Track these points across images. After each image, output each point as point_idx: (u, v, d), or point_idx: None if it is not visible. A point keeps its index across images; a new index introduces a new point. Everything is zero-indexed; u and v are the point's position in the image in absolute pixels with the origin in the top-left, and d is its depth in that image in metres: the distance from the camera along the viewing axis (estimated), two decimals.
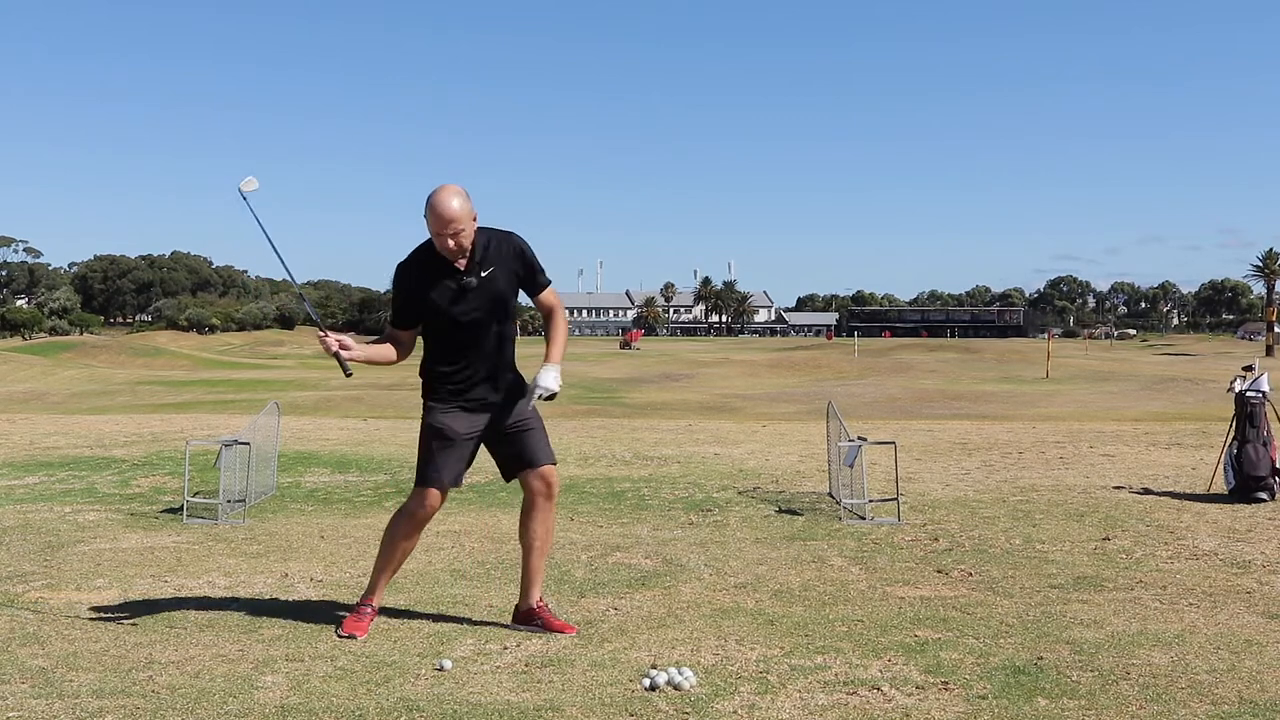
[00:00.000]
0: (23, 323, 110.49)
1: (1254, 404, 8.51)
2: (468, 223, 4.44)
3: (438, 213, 4.38)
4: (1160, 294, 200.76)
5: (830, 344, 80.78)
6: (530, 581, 4.79)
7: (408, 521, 4.70)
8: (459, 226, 4.40)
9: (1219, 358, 56.22)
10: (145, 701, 3.75)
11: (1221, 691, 3.86)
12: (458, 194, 4.42)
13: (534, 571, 4.79)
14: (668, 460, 11.24)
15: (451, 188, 4.44)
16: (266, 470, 8.82)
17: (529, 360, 4.60)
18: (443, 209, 4.38)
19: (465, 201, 4.42)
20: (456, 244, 4.43)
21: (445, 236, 4.41)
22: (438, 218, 4.38)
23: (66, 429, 15.20)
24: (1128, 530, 7.11)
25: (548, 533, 4.79)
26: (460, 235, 4.42)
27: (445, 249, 4.45)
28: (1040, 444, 12.82)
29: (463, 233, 4.42)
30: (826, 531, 7.11)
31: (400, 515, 4.75)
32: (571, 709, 3.71)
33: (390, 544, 4.76)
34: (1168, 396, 27.13)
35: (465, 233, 4.43)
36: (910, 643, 4.49)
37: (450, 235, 4.40)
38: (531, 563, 4.79)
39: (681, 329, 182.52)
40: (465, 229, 4.43)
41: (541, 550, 4.79)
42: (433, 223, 4.41)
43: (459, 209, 4.39)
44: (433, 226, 4.42)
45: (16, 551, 6.42)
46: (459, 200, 4.40)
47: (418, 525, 4.71)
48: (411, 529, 4.72)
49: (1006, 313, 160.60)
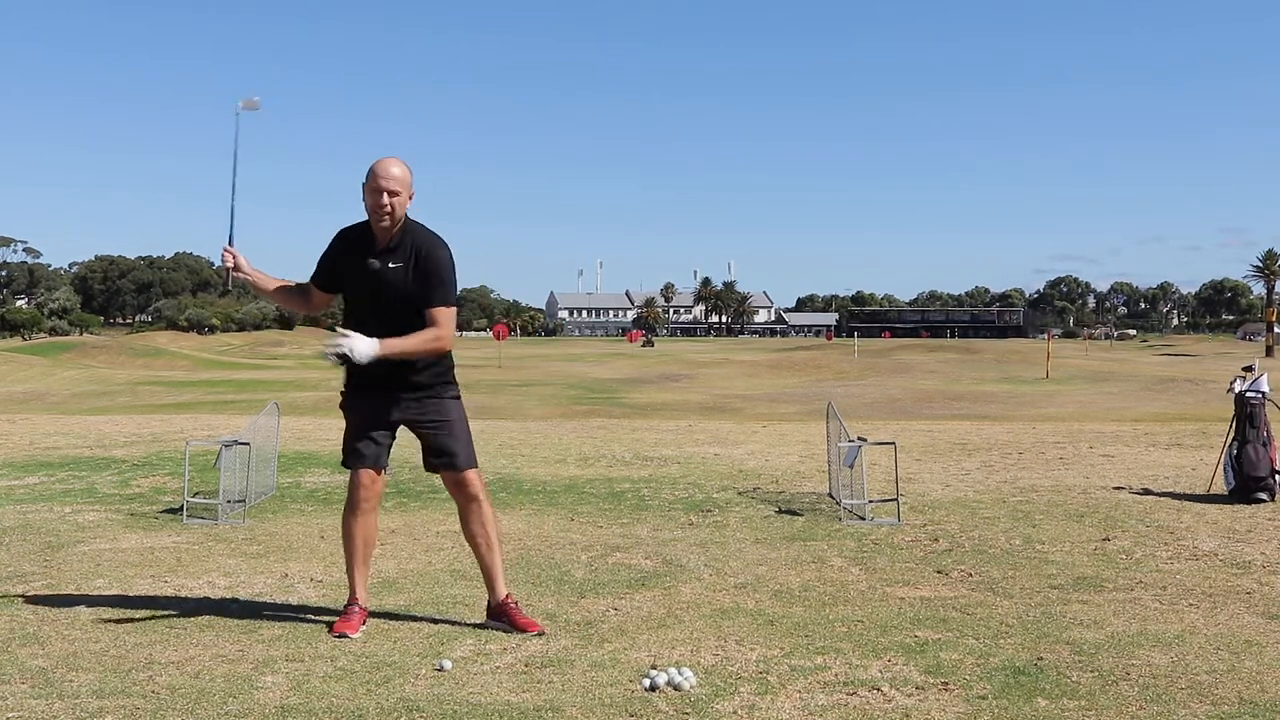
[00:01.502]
0: (23, 323, 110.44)
1: (1254, 404, 8.51)
2: (404, 190, 4.57)
3: (376, 168, 4.57)
4: (1160, 294, 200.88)
5: (830, 344, 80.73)
6: (490, 577, 4.84)
7: (349, 509, 4.79)
8: (395, 186, 4.54)
9: (1219, 358, 56.19)
10: (145, 701, 3.75)
11: (1221, 691, 3.86)
12: (399, 162, 4.62)
13: (489, 568, 4.83)
14: (668, 461, 11.24)
15: (396, 158, 4.62)
16: (266, 470, 8.81)
17: (530, 360, 4.60)
18: (382, 165, 4.58)
19: (405, 172, 4.60)
20: (389, 204, 4.53)
21: (381, 191, 4.53)
22: (375, 172, 4.55)
23: (66, 429, 15.20)
24: (1128, 530, 7.10)
25: (487, 529, 4.82)
26: (395, 198, 4.54)
27: (376, 206, 4.55)
28: (1040, 444, 12.82)
29: (396, 196, 4.55)
30: (826, 532, 7.11)
31: (345, 506, 4.83)
32: (571, 709, 3.71)
33: (346, 538, 4.81)
34: (1168, 397, 27.11)
35: (400, 199, 4.56)
36: (910, 643, 4.49)
37: (385, 190, 4.52)
38: (483, 559, 4.84)
39: (681, 329, 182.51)
40: (400, 194, 4.56)
41: (489, 546, 4.82)
42: (370, 181, 4.56)
43: (399, 173, 4.57)
44: (370, 184, 4.57)
45: (16, 551, 6.42)
46: (400, 167, 4.60)
47: (360, 511, 4.76)
48: (354, 515, 4.77)
49: (1006, 313, 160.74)
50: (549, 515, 7.83)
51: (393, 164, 4.58)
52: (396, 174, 4.56)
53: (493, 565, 4.83)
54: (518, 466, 10.61)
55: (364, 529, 4.78)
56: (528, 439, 13.66)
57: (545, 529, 7.25)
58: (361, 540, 4.79)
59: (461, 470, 4.76)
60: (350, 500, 4.78)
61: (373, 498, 4.77)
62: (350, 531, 4.78)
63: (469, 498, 4.79)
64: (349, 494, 4.79)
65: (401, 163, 4.61)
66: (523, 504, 8.34)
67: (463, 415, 4.81)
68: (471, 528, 4.83)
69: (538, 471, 10.28)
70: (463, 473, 4.76)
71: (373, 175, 4.57)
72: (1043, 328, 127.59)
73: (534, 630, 4.65)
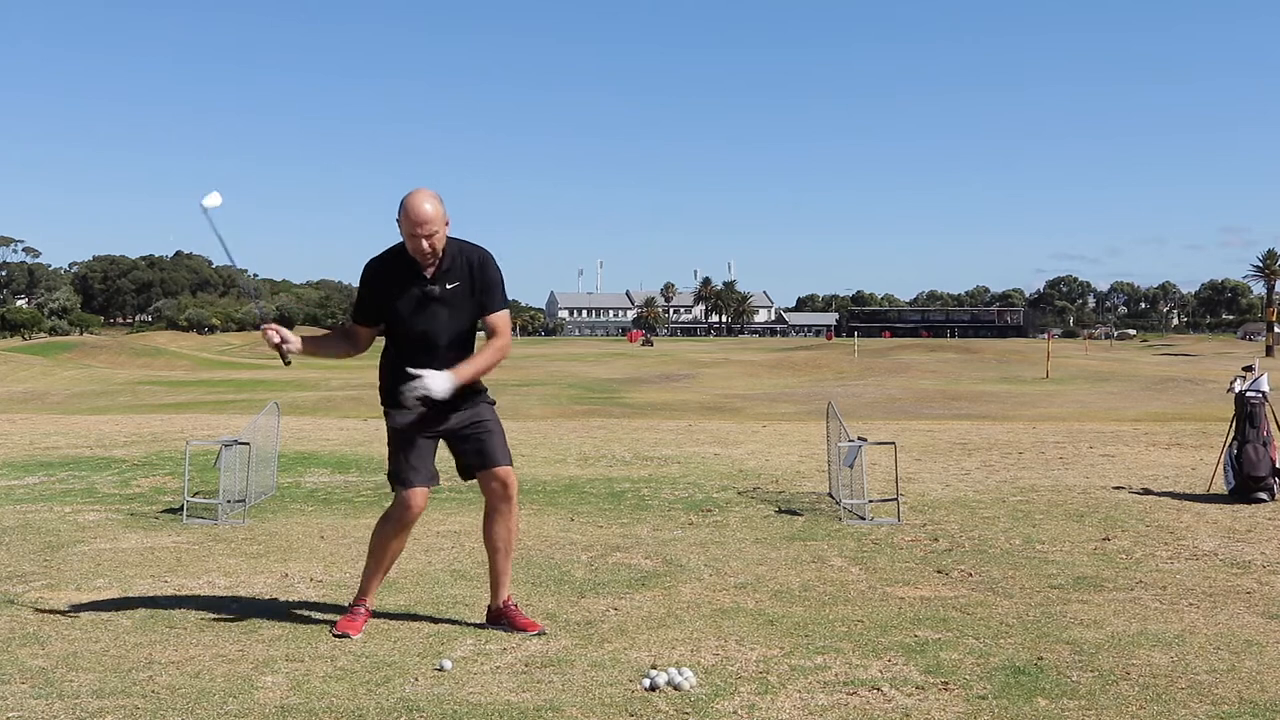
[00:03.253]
0: (23, 323, 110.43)
1: (1254, 404, 8.52)
2: (440, 226, 4.51)
3: (412, 214, 4.46)
4: (1160, 294, 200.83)
5: (830, 344, 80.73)
6: (498, 582, 4.83)
7: (394, 525, 4.73)
8: (433, 228, 4.47)
9: (1219, 358, 56.21)
10: (145, 701, 3.75)
11: (1221, 691, 3.86)
12: (431, 198, 4.50)
13: (500, 573, 4.82)
14: (668, 460, 11.25)
15: (426, 191, 4.52)
16: (266, 470, 8.81)
17: (530, 359, 4.61)
18: (417, 211, 4.45)
19: (439, 205, 4.50)
20: (430, 245, 4.49)
21: (419, 238, 4.47)
22: (411, 219, 4.46)
23: (66, 429, 15.20)
24: (1128, 530, 7.11)
25: (510, 534, 4.81)
26: (434, 238, 4.49)
27: (418, 250, 4.51)
28: (1040, 444, 12.83)
29: (436, 235, 4.49)
30: (826, 531, 7.11)
31: (386, 520, 4.77)
32: (571, 709, 3.71)
33: (380, 547, 4.78)
34: (1168, 397, 27.12)
35: (438, 235, 4.50)
36: (910, 643, 4.49)
37: (425, 236, 4.46)
38: (497, 564, 4.83)
39: (681, 329, 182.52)
40: (438, 231, 4.50)
41: (506, 552, 4.81)
42: (406, 224, 4.49)
43: (433, 211, 4.46)
44: (406, 228, 4.50)
45: (16, 551, 6.42)
46: (432, 204, 4.48)
47: (404, 528, 4.74)
48: (398, 531, 4.74)
49: (1006, 313, 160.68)
50: (549, 515, 7.83)
51: (425, 202, 4.44)
52: (430, 213, 4.44)
53: (504, 570, 4.82)
54: (518, 466, 10.53)
55: (399, 545, 4.79)
56: (528, 439, 13.66)
57: (545, 529, 7.26)
58: (391, 555, 4.80)
59: (504, 464, 4.72)
60: (395, 516, 4.70)
61: (419, 515, 4.73)
62: (385, 544, 4.75)
63: (505, 497, 4.75)
64: (396, 510, 4.70)
65: (433, 197, 4.50)
66: (523, 504, 8.28)
67: (498, 418, 4.82)
68: (496, 529, 4.79)
69: (538, 471, 10.28)
70: (506, 468, 4.73)
71: (409, 221, 4.45)
72: (1043, 327, 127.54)
73: (534, 630, 4.65)
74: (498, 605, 4.80)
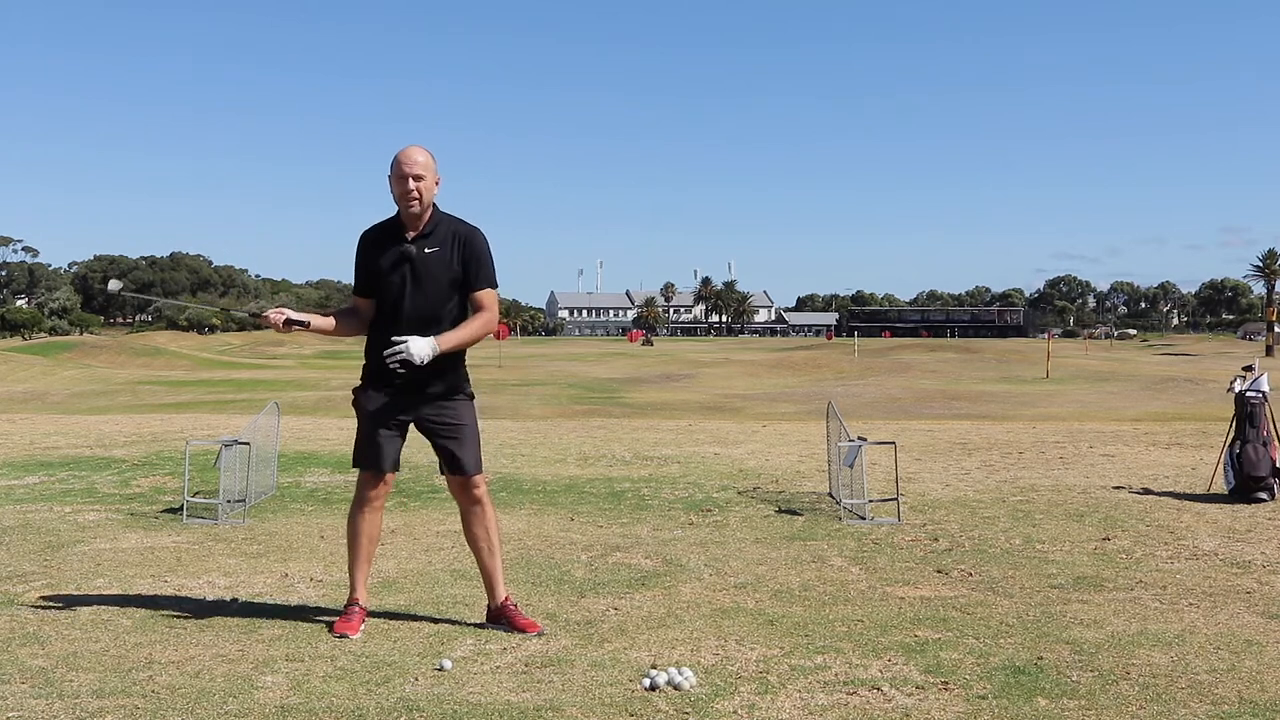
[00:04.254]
0: (23, 323, 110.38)
1: (1254, 404, 8.52)
2: (429, 174, 4.59)
3: (400, 156, 4.58)
4: (1160, 294, 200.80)
5: (830, 344, 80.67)
6: (490, 581, 4.84)
7: (358, 507, 4.78)
8: (420, 170, 4.55)
9: (1219, 358, 56.18)
10: (145, 701, 3.75)
11: (1221, 691, 3.86)
12: (422, 149, 4.63)
13: (489, 572, 4.83)
14: (668, 460, 11.24)
15: (418, 146, 4.64)
16: (266, 470, 8.81)
17: (530, 359, 4.61)
18: (406, 153, 4.60)
19: (429, 157, 4.63)
20: (417, 190, 4.56)
21: (406, 178, 4.54)
22: (401, 161, 4.57)
23: (66, 429, 15.20)
24: (1128, 530, 7.11)
25: (489, 533, 4.82)
26: (421, 183, 4.56)
27: (404, 193, 4.56)
28: (1040, 444, 12.82)
29: (423, 180, 4.56)
30: (826, 531, 7.11)
31: (353, 504, 4.82)
32: (571, 709, 3.71)
33: (351, 535, 4.81)
34: (1168, 396, 27.10)
35: (425, 181, 4.58)
36: (910, 643, 4.49)
37: (412, 176, 4.54)
38: (484, 563, 4.85)
39: (681, 329, 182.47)
40: (426, 178, 4.58)
41: (490, 550, 4.83)
42: (396, 169, 4.58)
43: (422, 159, 4.59)
44: (394, 171, 4.58)
45: (16, 551, 6.42)
46: (423, 154, 4.62)
47: (370, 510, 4.76)
48: (364, 514, 4.76)
49: (1006, 313, 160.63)
50: (549, 515, 7.83)
51: (416, 150, 4.61)
52: (420, 159, 4.58)
53: (494, 569, 4.83)
54: (518, 466, 10.61)
55: (370, 528, 4.79)
56: (528, 439, 13.66)
57: (545, 529, 7.26)
58: (366, 539, 4.79)
59: (469, 475, 4.75)
60: (359, 498, 4.78)
61: (381, 497, 4.77)
62: (356, 529, 4.78)
63: (473, 500, 4.79)
64: (358, 492, 4.79)
65: (424, 149, 4.63)
66: (523, 504, 8.34)
67: (474, 419, 4.81)
68: (474, 530, 4.83)
69: (538, 471, 10.28)
70: (470, 477, 4.75)
71: (397, 163, 4.58)
72: (1043, 327, 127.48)
73: (534, 631, 4.65)
74: (496, 605, 4.81)
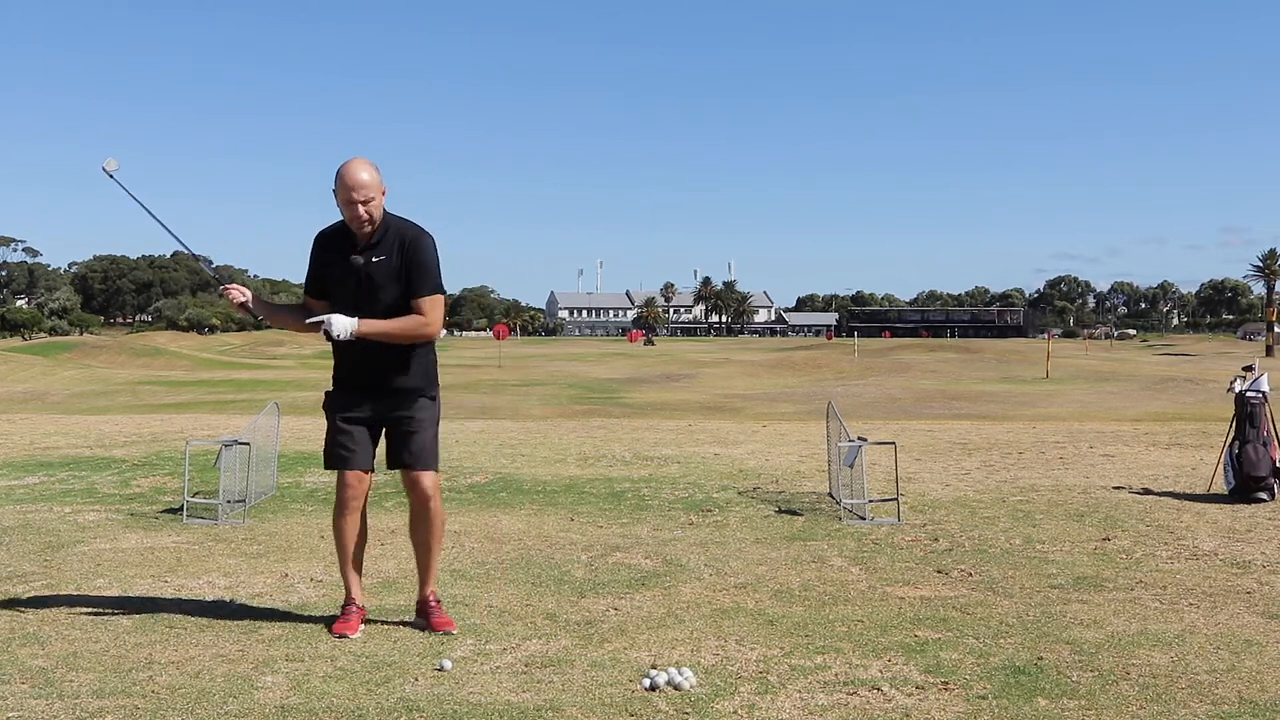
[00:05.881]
0: (23, 323, 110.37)
1: (1254, 404, 8.52)
2: (376, 193, 4.55)
3: (347, 180, 4.52)
4: (1160, 294, 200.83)
5: (830, 344, 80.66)
6: (425, 577, 4.87)
7: (338, 509, 4.80)
8: (368, 194, 4.52)
9: (1219, 358, 56.19)
10: (145, 701, 3.76)
11: (1221, 691, 3.86)
12: (367, 165, 4.58)
13: (423, 569, 4.88)
14: (668, 460, 11.24)
15: (361, 159, 4.60)
16: (266, 470, 8.81)
17: (530, 359, 4.61)
18: (352, 176, 4.52)
19: (374, 173, 4.57)
20: (366, 212, 4.53)
21: (355, 204, 4.52)
22: (347, 184, 4.52)
23: (66, 429, 15.20)
24: (1128, 530, 7.11)
25: (433, 532, 4.84)
26: (369, 204, 4.53)
27: (354, 218, 4.55)
28: (1040, 444, 12.82)
29: (371, 201, 4.54)
30: (826, 531, 7.11)
31: (334, 507, 4.84)
32: (571, 709, 3.71)
33: (337, 538, 4.83)
34: (1168, 396, 27.10)
35: (374, 203, 4.55)
36: (910, 643, 4.49)
37: (359, 202, 4.51)
38: (419, 559, 4.89)
39: (681, 329, 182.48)
40: (374, 198, 4.54)
41: (427, 548, 4.85)
42: (342, 192, 4.54)
43: (367, 178, 4.53)
44: (340, 195, 4.55)
45: (16, 551, 6.42)
46: (368, 171, 4.55)
47: (349, 510, 4.77)
48: (344, 514, 4.77)
49: (1006, 313, 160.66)
50: (549, 515, 7.83)
51: (360, 170, 4.51)
52: (366, 180, 4.50)
53: (430, 566, 4.87)
54: (518, 466, 10.60)
55: (352, 529, 4.79)
56: (528, 439, 13.66)
57: (545, 529, 7.26)
58: (351, 540, 4.80)
59: (420, 471, 4.74)
60: (337, 500, 4.79)
61: (359, 497, 4.77)
62: (340, 531, 4.79)
63: (422, 499, 4.78)
64: (336, 494, 4.80)
65: (368, 164, 4.56)
66: (523, 504, 8.34)
67: (435, 418, 4.81)
68: (417, 528, 4.85)
69: (538, 471, 10.27)
70: (421, 474, 4.74)
71: (343, 187, 4.51)
72: (1043, 327, 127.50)
73: (447, 628, 4.64)
74: (422, 596, 4.85)
